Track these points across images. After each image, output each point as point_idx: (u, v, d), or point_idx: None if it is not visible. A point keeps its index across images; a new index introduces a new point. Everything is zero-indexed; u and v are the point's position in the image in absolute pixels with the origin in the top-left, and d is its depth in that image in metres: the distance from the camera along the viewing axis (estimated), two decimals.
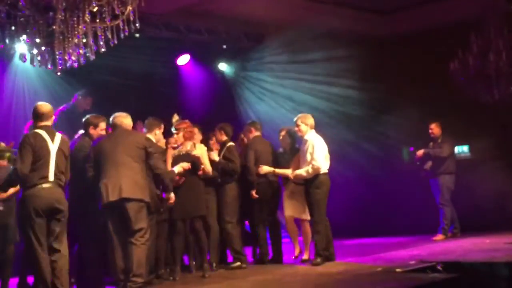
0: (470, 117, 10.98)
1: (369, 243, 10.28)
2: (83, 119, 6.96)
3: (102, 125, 6.87)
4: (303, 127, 8.01)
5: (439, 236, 10.09)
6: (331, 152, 8.16)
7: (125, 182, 6.20)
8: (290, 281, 6.76)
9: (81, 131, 7.08)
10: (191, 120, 8.19)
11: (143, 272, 6.08)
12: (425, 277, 6.57)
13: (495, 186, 10.39)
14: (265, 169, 8.11)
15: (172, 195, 7.01)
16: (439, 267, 7.04)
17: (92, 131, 6.86)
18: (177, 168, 7.16)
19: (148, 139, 6.76)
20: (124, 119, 6.61)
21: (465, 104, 10.99)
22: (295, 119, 8.13)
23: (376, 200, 11.57)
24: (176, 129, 7.58)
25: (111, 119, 6.65)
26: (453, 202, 10.24)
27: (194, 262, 7.80)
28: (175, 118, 7.75)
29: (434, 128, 10.37)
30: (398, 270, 6.87)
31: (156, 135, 7.41)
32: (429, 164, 10.33)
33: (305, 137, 8.00)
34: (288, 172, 8.09)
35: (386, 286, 6.01)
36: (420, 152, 10.36)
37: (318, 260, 7.66)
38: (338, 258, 8.10)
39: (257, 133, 8.54)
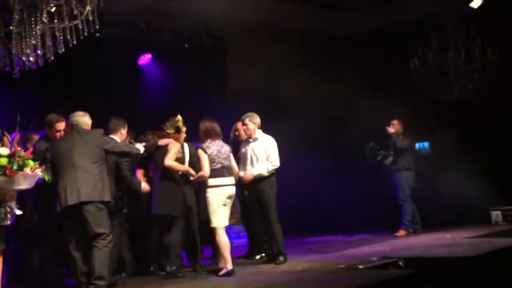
0: (430, 114, 11.14)
1: (331, 240, 10.35)
2: (44, 120, 6.85)
3: (59, 125, 6.74)
4: (251, 126, 7.98)
5: (401, 232, 10.21)
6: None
7: (83, 185, 6.12)
8: (254, 280, 6.78)
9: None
10: (151, 120, 8.15)
11: (105, 275, 6.03)
12: (387, 273, 6.65)
13: (456, 182, 10.56)
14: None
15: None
16: (400, 263, 7.14)
17: (48, 131, 6.77)
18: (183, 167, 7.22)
19: (105, 137, 6.59)
20: (81, 118, 6.48)
21: (425, 101, 11.17)
22: (242, 118, 8.07)
23: (338, 197, 11.66)
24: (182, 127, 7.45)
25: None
26: (414, 198, 10.37)
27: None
28: (179, 119, 7.54)
29: (395, 125, 10.47)
30: (360, 266, 6.95)
31: (122, 135, 7.35)
32: (389, 159, 10.42)
33: (256, 136, 7.98)
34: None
35: (350, 283, 6.07)
36: (391, 130, 10.32)
37: (282, 258, 7.68)
38: (301, 256, 8.14)
39: None
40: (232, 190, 7.20)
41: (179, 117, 7.52)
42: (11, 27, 5.58)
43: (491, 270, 7.03)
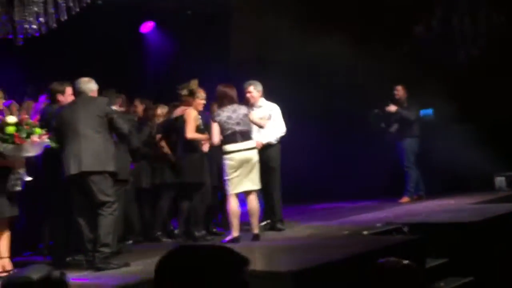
0: (434, 80, 11.07)
1: (335, 207, 10.37)
2: (49, 88, 6.81)
3: (69, 90, 6.62)
4: (255, 93, 7.97)
5: (405, 199, 10.23)
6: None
7: (86, 155, 6.06)
8: (259, 245, 6.82)
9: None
10: (153, 88, 8.19)
11: (110, 242, 6.05)
12: (392, 238, 6.69)
13: (460, 148, 10.55)
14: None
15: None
16: (404, 229, 7.17)
17: (60, 97, 6.65)
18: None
19: (110, 106, 6.48)
20: (85, 85, 6.35)
21: (429, 67, 11.10)
22: (245, 85, 8.02)
23: (342, 163, 11.65)
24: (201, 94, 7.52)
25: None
26: (418, 165, 10.37)
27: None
28: (195, 83, 7.53)
29: (400, 90, 10.43)
30: (364, 232, 6.98)
31: (120, 107, 7.39)
32: (394, 127, 10.41)
33: (261, 103, 7.96)
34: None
35: (354, 249, 6.10)
36: (393, 108, 10.31)
37: (280, 225, 7.75)
38: (306, 222, 8.18)
39: None
40: (246, 155, 7.04)
41: (195, 80, 7.52)
42: None
43: (496, 235, 7.06)
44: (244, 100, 8.15)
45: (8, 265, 6.01)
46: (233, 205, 7.02)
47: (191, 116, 7.34)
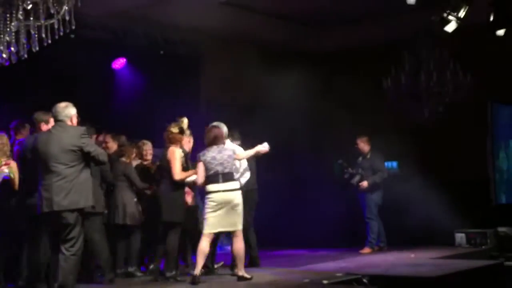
0: (400, 134, 11.23)
1: (297, 254, 10.35)
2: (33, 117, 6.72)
3: (52, 120, 6.38)
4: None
5: (366, 250, 10.26)
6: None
7: (57, 193, 5.85)
8: None
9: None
10: (122, 124, 8.13)
11: (69, 284, 5.89)
12: None
13: (422, 203, 10.66)
14: None
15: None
16: (365, 280, 7.17)
17: (44, 127, 6.52)
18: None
19: (85, 137, 6.11)
20: (63, 111, 6.12)
21: (395, 121, 11.27)
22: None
23: (303, 210, 11.68)
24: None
25: None
26: (380, 216, 10.43)
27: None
28: (185, 121, 7.57)
29: (359, 144, 10.57)
30: (325, 282, 6.94)
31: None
32: (357, 178, 10.48)
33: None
34: None
35: None
36: (364, 184, 10.36)
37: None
38: (266, 268, 8.12)
39: None
40: (225, 196, 7.08)
41: (185, 119, 7.56)
42: None
43: None
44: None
45: None
46: (203, 244, 7.03)
47: (175, 155, 7.32)
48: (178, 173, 7.28)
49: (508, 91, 11.21)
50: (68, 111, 6.15)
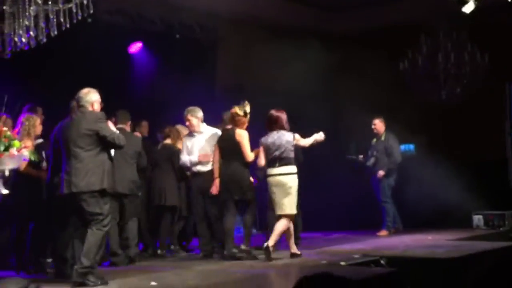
0: (417, 116, 11.19)
1: (313, 237, 10.38)
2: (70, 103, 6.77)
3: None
4: (194, 120, 8.14)
5: (383, 232, 10.27)
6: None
7: (76, 175, 6.05)
8: (237, 271, 6.80)
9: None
10: (138, 108, 8.31)
11: (91, 258, 5.96)
12: (369, 270, 6.69)
13: (439, 185, 10.63)
14: None
15: None
16: (382, 262, 7.18)
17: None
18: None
19: (101, 122, 6.26)
20: (85, 97, 6.27)
21: (412, 103, 11.22)
22: (185, 113, 8.18)
23: (319, 194, 11.68)
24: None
25: None
26: (396, 199, 10.43)
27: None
28: (248, 105, 7.94)
29: (377, 124, 10.53)
30: (342, 263, 6.97)
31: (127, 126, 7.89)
32: (372, 161, 10.47)
33: (202, 129, 8.19)
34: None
35: None
36: (381, 173, 10.35)
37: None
38: (283, 250, 8.17)
39: None
40: (278, 179, 7.48)
41: (247, 102, 7.95)
42: (4, 7, 5.54)
43: (472, 273, 7.09)
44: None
45: None
46: (278, 223, 7.48)
47: (246, 137, 7.79)
48: (251, 155, 7.75)
49: None
50: (90, 97, 6.29)
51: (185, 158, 8.22)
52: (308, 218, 11.32)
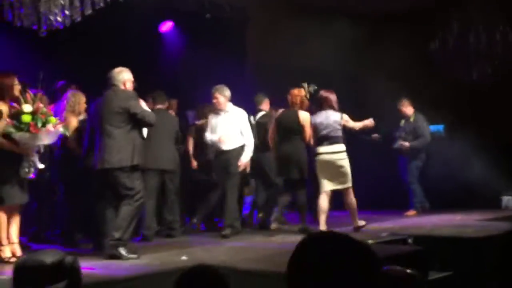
0: (447, 97, 11.12)
1: (341, 215, 10.40)
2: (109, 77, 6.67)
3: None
4: (221, 99, 8.18)
5: (411, 212, 10.28)
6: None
7: (108, 152, 6.25)
8: (265, 247, 6.91)
9: None
10: (168, 87, 8.48)
11: (123, 230, 6.15)
12: (396, 248, 6.75)
13: (469, 166, 10.58)
14: None
15: None
16: (409, 240, 7.23)
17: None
18: None
19: (132, 99, 6.41)
20: (117, 76, 6.44)
21: (443, 84, 11.15)
22: (212, 91, 8.26)
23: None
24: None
25: None
26: (424, 178, 10.42)
27: None
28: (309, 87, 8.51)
29: (405, 105, 10.49)
30: (369, 241, 7.03)
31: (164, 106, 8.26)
32: (398, 143, 10.43)
33: (228, 108, 8.23)
34: None
35: None
36: (406, 145, 10.36)
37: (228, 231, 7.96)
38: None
39: None
40: (326, 157, 7.92)
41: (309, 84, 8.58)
42: None
43: (501, 252, 7.09)
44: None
45: (18, 251, 6.12)
46: (321, 202, 7.90)
47: (309, 119, 8.23)
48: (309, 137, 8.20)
49: None
50: (122, 76, 6.45)
51: (208, 136, 8.32)
52: (336, 196, 11.40)
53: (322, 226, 7.69)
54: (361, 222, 8.09)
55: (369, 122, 8.33)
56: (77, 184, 7.03)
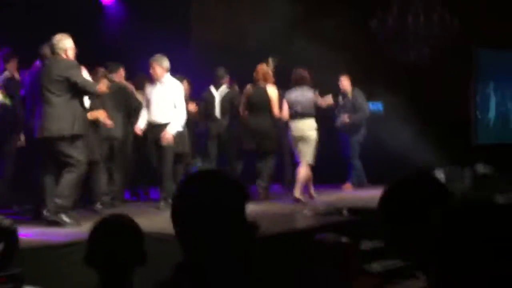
0: (385, 76, 11.36)
1: (281, 190, 10.59)
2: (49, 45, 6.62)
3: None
4: (158, 69, 8.03)
5: (348, 185, 10.53)
6: None
7: (47, 119, 6.24)
8: None
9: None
10: (109, 59, 8.44)
11: (65, 197, 6.20)
12: (329, 218, 6.95)
13: (404, 142, 10.86)
14: None
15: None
16: (344, 212, 7.43)
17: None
18: None
19: (73, 68, 6.40)
20: (58, 44, 6.40)
21: (381, 62, 11.39)
22: (150, 61, 8.12)
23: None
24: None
25: None
26: (362, 155, 10.68)
27: None
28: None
29: (343, 81, 10.69)
30: (306, 211, 7.22)
31: (120, 76, 8.40)
32: (339, 120, 10.63)
33: (165, 80, 8.05)
34: None
35: (292, 226, 6.35)
36: (345, 119, 10.54)
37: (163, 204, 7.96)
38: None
39: None
40: (299, 133, 8.48)
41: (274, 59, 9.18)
42: None
43: None
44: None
45: None
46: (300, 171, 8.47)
47: (276, 93, 8.75)
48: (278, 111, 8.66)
49: (494, 36, 11.35)
50: (63, 43, 6.41)
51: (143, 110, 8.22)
52: (277, 171, 11.54)
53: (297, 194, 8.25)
54: (301, 197, 8.40)
55: (330, 100, 8.91)
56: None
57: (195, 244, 1.91)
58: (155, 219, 6.82)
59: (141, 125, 8.07)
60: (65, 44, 6.39)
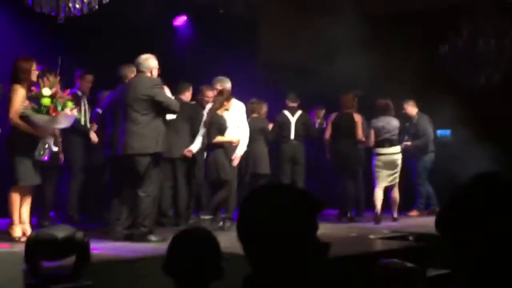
0: (454, 101, 11.20)
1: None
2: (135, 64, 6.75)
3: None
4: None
5: (414, 212, 10.37)
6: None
7: (131, 137, 6.33)
8: None
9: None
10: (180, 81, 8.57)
11: (146, 224, 6.35)
12: (395, 243, 6.87)
13: (475, 169, 10.62)
14: None
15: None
16: (410, 238, 7.34)
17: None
18: None
19: (157, 87, 6.50)
20: (143, 62, 6.54)
21: (450, 88, 11.23)
22: (213, 82, 8.29)
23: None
24: None
25: None
26: (431, 180, 10.51)
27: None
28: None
29: (408, 107, 10.58)
30: (371, 236, 7.17)
31: (186, 96, 8.29)
32: (406, 143, 10.51)
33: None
34: None
35: (357, 249, 6.31)
36: (408, 144, 10.36)
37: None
38: None
39: None
40: (388, 158, 9.27)
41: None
42: None
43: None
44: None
45: (29, 230, 6.28)
46: (377, 194, 9.21)
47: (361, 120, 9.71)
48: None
49: None
50: (148, 63, 6.57)
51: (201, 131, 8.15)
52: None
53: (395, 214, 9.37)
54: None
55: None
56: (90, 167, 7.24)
57: (263, 259, 1.87)
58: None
59: (194, 148, 8.06)
60: (150, 63, 6.57)
